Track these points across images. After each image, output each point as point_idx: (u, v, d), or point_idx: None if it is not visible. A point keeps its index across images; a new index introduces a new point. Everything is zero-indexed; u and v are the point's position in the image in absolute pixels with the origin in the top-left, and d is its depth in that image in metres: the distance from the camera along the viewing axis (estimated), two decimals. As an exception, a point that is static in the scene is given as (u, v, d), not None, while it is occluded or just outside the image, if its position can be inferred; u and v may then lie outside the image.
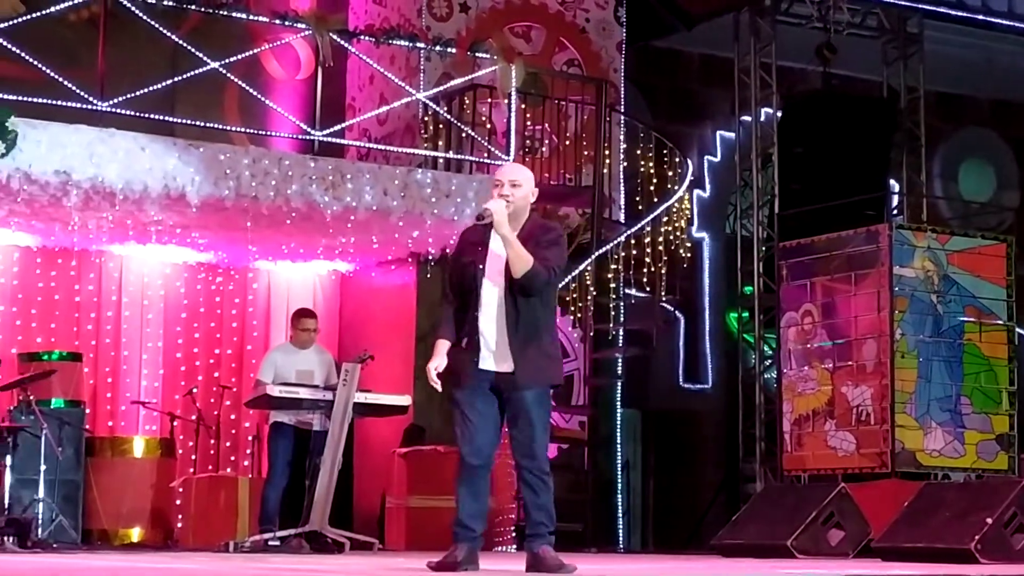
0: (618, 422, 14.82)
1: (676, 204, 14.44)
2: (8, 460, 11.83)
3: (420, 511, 12.85)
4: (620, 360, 14.55)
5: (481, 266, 7.25)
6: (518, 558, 11.81)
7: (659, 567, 7.95)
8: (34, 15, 11.81)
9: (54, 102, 11.66)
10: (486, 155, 13.49)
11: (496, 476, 12.97)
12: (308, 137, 12.84)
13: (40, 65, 11.63)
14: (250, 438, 14.27)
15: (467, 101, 13.99)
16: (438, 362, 7.29)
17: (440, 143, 13.95)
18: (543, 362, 7.25)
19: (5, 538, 11.16)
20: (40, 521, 11.79)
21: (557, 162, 14.81)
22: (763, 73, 15.43)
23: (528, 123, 14.45)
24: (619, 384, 14.76)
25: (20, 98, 11.43)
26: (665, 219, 14.33)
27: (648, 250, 14.17)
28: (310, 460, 11.64)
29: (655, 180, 14.96)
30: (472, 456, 7.27)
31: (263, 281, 14.93)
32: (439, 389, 7.32)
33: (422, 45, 13.69)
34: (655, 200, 14.70)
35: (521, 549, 12.95)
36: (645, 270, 14.13)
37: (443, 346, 7.34)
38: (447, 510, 12.56)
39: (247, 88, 13.09)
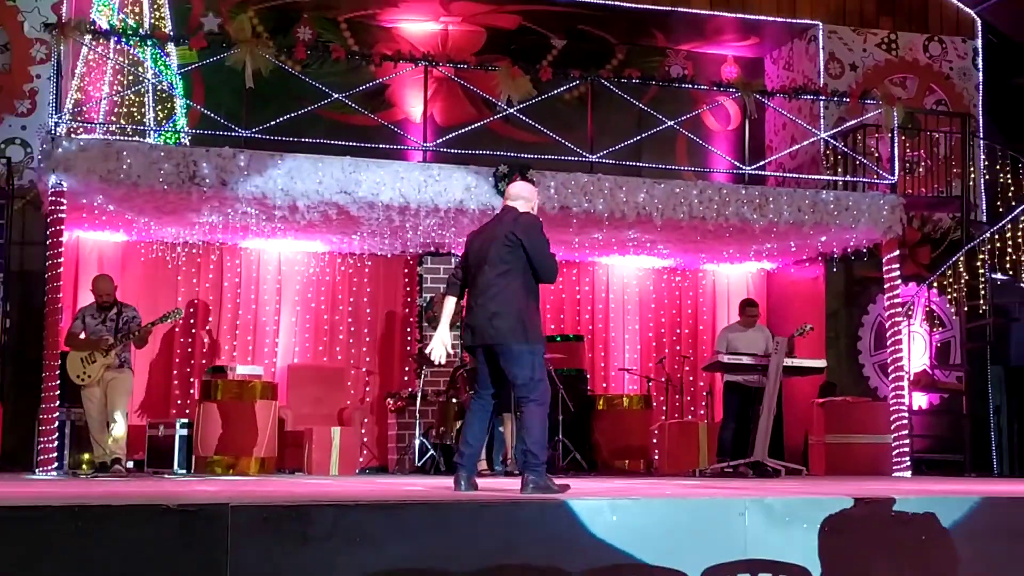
0: (988, 376, 14.54)
1: (1030, 206, 14.11)
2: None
3: (834, 446, 12.93)
4: (988, 328, 14.24)
5: None
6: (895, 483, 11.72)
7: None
8: (543, 96, 11.97)
9: (558, 158, 11.96)
10: (875, 176, 13.34)
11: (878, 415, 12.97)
12: (739, 171, 12.74)
13: (546, 131, 11.90)
14: (705, 394, 14.56)
15: (859, 137, 13.90)
16: None
17: (839, 170, 13.99)
18: None
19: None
20: (561, 455, 12.39)
21: (930, 179, 14.64)
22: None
23: (907, 150, 14.38)
24: (987, 347, 14.40)
25: (535, 156, 11.83)
26: (1021, 218, 14.01)
27: (1009, 242, 13.79)
28: (752, 409, 11.70)
29: (1012, 188, 14.66)
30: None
31: (709, 279, 15.11)
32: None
33: (823, 97, 13.53)
34: (1012, 204, 14.32)
35: (916, 474, 12.91)
36: (1007, 258, 13.78)
37: None
38: (856, 445, 12.74)
39: (693, 138, 13.34)
